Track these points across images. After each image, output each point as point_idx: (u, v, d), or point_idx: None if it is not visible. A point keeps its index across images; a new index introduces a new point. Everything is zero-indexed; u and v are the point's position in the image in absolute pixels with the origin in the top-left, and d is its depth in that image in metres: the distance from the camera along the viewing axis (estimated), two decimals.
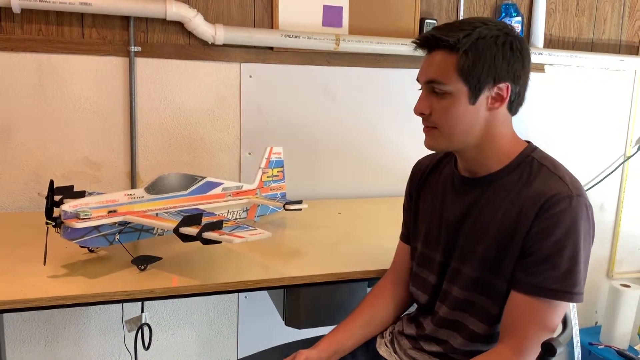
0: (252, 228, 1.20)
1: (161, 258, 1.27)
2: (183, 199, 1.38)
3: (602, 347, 2.39)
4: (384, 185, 2.15)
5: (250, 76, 1.93)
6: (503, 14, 2.17)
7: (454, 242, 1.10)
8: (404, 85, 2.12)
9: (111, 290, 1.14)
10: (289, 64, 1.97)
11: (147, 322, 1.74)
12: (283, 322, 1.42)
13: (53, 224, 1.16)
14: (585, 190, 1.00)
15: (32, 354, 1.86)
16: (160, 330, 1.97)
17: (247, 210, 1.58)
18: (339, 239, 1.59)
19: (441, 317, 1.11)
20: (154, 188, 1.32)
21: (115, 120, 1.82)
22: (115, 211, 1.23)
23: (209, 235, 1.14)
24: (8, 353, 1.83)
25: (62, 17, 1.71)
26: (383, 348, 1.21)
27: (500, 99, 1.02)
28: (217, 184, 1.47)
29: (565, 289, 0.96)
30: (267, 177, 1.66)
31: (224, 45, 1.85)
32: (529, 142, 1.10)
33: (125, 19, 1.76)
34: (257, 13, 1.92)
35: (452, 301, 1.10)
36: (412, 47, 1.07)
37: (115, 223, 1.23)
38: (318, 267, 1.34)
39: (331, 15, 1.98)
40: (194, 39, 1.83)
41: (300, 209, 1.58)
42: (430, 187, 1.21)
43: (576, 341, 2.34)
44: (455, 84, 1.00)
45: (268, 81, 1.96)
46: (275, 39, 1.87)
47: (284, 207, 1.57)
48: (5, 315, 1.76)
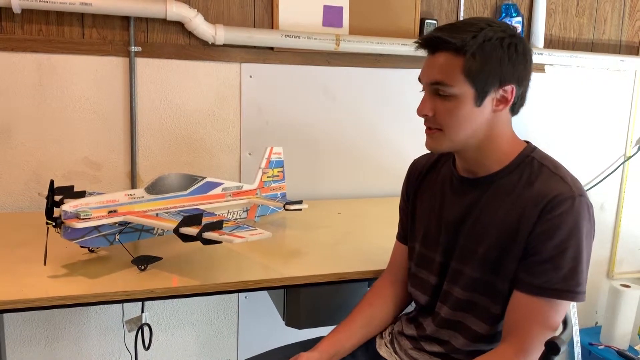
0: (253, 228, 1.20)
1: (161, 258, 1.27)
2: (183, 199, 1.38)
3: (602, 347, 2.39)
4: (384, 185, 2.15)
5: (250, 76, 1.93)
6: (503, 14, 2.17)
7: (454, 242, 1.10)
8: (404, 85, 2.12)
9: (111, 291, 1.14)
10: (289, 64, 1.97)
11: (148, 322, 1.74)
12: (283, 322, 1.42)
13: (53, 224, 1.16)
14: (585, 190, 1.01)
15: (32, 354, 1.86)
16: (161, 331, 1.97)
17: (247, 210, 1.58)
18: (339, 239, 1.59)
19: (442, 317, 1.11)
20: (154, 188, 1.32)
21: (115, 121, 1.82)
22: (115, 211, 1.23)
23: (209, 235, 1.14)
24: (8, 353, 1.83)
25: (62, 17, 1.71)
26: (383, 349, 1.21)
27: (504, 101, 1.02)
28: (217, 184, 1.47)
29: (568, 288, 0.96)
30: (267, 177, 1.66)
31: (224, 46, 1.85)
32: (527, 142, 1.09)
33: (125, 19, 1.76)
34: (257, 13, 1.92)
35: (453, 302, 1.09)
36: (415, 48, 1.05)
37: (115, 223, 1.23)
38: (318, 267, 1.34)
39: (331, 16, 1.98)
40: (194, 39, 1.83)
41: (300, 209, 1.58)
42: (427, 187, 1.21)
43: (576, 341, 2.34)
44: (461, 86, 0.99)
45: (268, 81, 1.96)
46: (276, 39, 1.87)
47: (284, 207, 1.57)
48: (5, 315, 1.76)
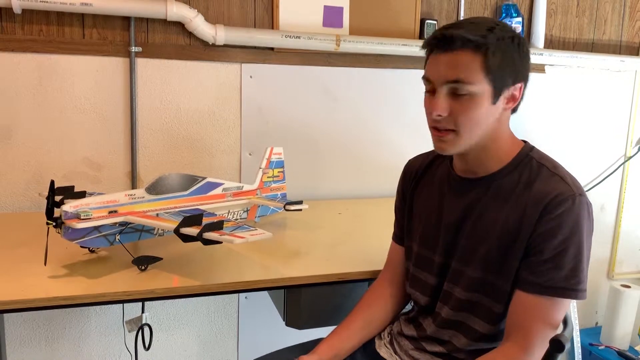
0: (253, 228, 1.20)
1: (162, 258, 1.27)
2: (183, 200, 1.38)
3: (603, 347, 2.39)
4: (384, 185, 2.15)
5: (250, 76, 1.93)
6: (504, 15, 2.17)
7: (454, 243, 1.10)
8: (404, 85, 2.12)
9: (112, 291, 1.14)
10: (289, 64, 1.97)
11: (148, 322, 1.73)
12: (283, 322, 1.42)
13: (54, 224, 1.16)
14: (584, 189, 1.01)
15: (32, 354, 1.86)
16: (161, 331, 1.97)
17: (247, 210, 1.58)
18: (339, 239, 1.59)
19: (443, 318, 1.11)
20: (154, 188, 1.32)
21: (115, 121, 1.82)
22: (115, 211, 1.23)
23: (209, 235, 1.14)
24: (8, 353, 1.83)
25: (62, 18, 1.71)
26: (384, 349, 1.21)
27: (513, 99, 1.03)
28: (217, 185, 1.47)
29: (570, 286, 0.97)
30: (268, 177, 1.66)
31: (225, 46, 1.86)
32: (525, 141, 1.10)
33: (125, 20, 1.76)
34: (257, 13, 1.92)
35: (454, 302, 1.09)
36: (425, 46, 1.02)
37: (115, 223, 1.23)
38: (318, 267, 1.34)
39: (332, 16, 1.98)
40: (195, 39, 1.83)
41: (300, 210, 1.58)
42: (424, 187, 1.21)
43: (577, 342, 2.34)
44: (481, 84, 0.98)
45: (268, 81, 1.96)
46: (276, 39, 1.87)
47: (284, 207, 1.57)
48: (5, 315, 1.76)
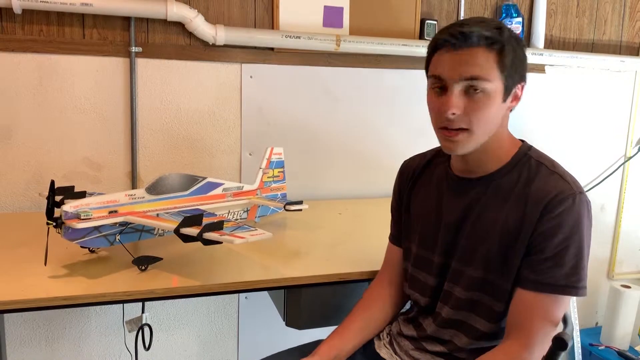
0: (253, 228, 1.20)
1: (162, 258, 1.27)
2: (184, 200, 1.38)
3: (603, 347, 2.39)
4: (385, 185, 2.15)
5: (250, 77, 1.93)
6: (504, 15, 2.17)
7: (454, 243, 1.10)
8: (404, 85, 2.12)
9: (112, 291, 1.14)
10: (289, 64, 1.97)
11: (148, 322, 1.73)
12: (283, 322, 1.42)
13: (54, 224, 1.16)
14: (583, 187, 1.02)
15: (32, 354, 1.86)
16: (161, 331, 1.97)
17: (247, 210, 1.58)
18: (339, 240, 1.59)
19: (444, 317, 1.11)
20: (154, 188, 1.32)
21: (116, 121, 1.82)
22: (116, 212, 1.23)
23: (209, 235, 1.14)
24: (8, 353, 1.82)
25: (63, 18, 1.71)
26: (384, 350, 1.21)
27: (516, 98, 1.04)
28: (217, 185, 1.47)
29: (571, 284, 0.98)
30: (268, 177, 1.66)
31: (225, 46, 1.86)
32: (523, 140, 1.10)
33: (126, 20, 1.76)
34: (257, 14, 1.92)
35: (455, 302, 1.09)
36: (436, 43, 0.99)
37: (116, 223, 1.23)
38: (318, 267, 1.34)
39: (332, 16, 1.98)
40: (195, 39, 1.83)
41: (300, 210, 1.58)
42: (421, 187, 1.20)
43: (577, 342, 2.33)
44: (496, 82, 0.98)
45: (269, 82, 1.96)
46: (276, 39, 1.87)
47: (284, 207, 1.57)
48: (5, 315, 1.76)
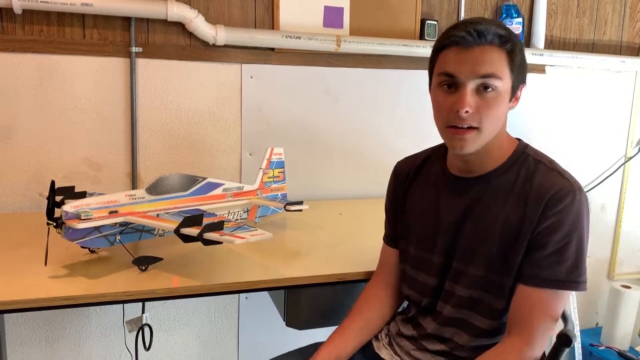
0: (253, 229, 1.20)
1: (162, 259, 1.27)
2: (184, 200, 1.38)
3: (603, 348, 2.39)
4: (385, 185, 2.13)
5: (251, 77, 1.93)
6: (504, 15, 2.17)
7: (454, 243, 1.10)
8: (405, 86, 2.12)
9: (112, 291, 1.14)
10: (289, 64, 1.97)
11: (148, 322, 1.73)
12: (284, 322, 1.42)
13: (54, 224, 1.16)
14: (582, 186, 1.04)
15: (32, 354, 1.85)
16: (161, 331, 1.97)
17: (247, 211, 1.58)
18: (339, 240, 1.59)
19: (445, 316, 1.11)
20: (154, 189, 1.32)
21: (116, 121, 1.82)
22: (116, 212, 1.23)
23: (210, 235, 1.14)
24: (8, 353, 1.82)
25: (63, 18, 1.71)
26: (384, 351, 1.21)
27: (517, 99, 1.05)
28: (217, 185, 1.47)
29: (572, 279, 0.99)
30: (268, 177, 1.66)
31: (225, 46, 1.86)
32: (519, 139, 1.11)
33: (126, 20, 1.76)
34: (258, 14, 1.92)
35: (456, 300, 1.10)
36: (458, 40, 0.97)
37: (116, 224, 1.23)
38: (319, 267, 1.34)
39: (332, 16, 1.98)
40: (195, 39, 1.83)
41: (301, 210, 1.57)
42: (417, 188, 1.20)
43: (577, 342, 2.33)
44: (506, 80, 0.99)
45: (269, 82, 1.96)
46: (276, 39, 1.87)
47: (284, 207, 1.57)
48: (5, 316, 1.76)
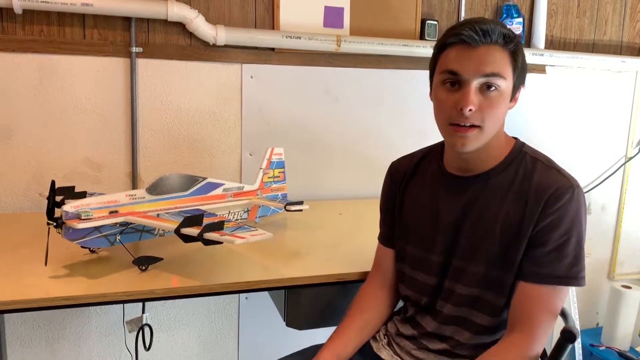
0: (253, 229, 1.20)
1: (162, 259, 1.27)
2: (184, 200, 1.38)
3: (603, 348, 2.39)
4: None
5: (251, 77, 1.93)
6: (504, 15, 2.17)
7: (454, 242, 1.10)
8: (405, 86, 2.12)
9: (112, 291, 1.14)
10: (290, 64, 1.97)
11: (148, 322, 1.74)
12: (284, 323, 1.42)
13: (54, 224, 1.16)
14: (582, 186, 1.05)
15: (32, 354, 1.85)
16: (161, 331, 1.97)
17: (248, 211, 1.58)
18: (339, 240, 1.59)
19: (445, 315, 1.11)
20: (155, 189, 1.32)
21: (116, 121, 1.82)
22: (116, 212, 1.23)
23: (210, 235, 1.14)
24: (8, 353, 1.82)
25: (63, 18, 1.72)
26: (384, 352, 1.21)
27: (515, 100, 1.06)
28: (218, 185, 1.47)
29: (572, 274, 1.00)
30: (268, 177, 1.66)
31: (225, 46, 1.86)
32: (515, 138, 1.12)
33: (126, 20, 1.76)
34: (258, 14, 1.92)
35: (456, 299, 1.10)
36: (463, 38, 0.97)
37: (116, 224, 1.23)
38: (319, 267, 1.34)
39: (332, 16, 1.98)
40: (195, 39, 1.83)
41: (301, 210, 1.57)
42: (414, 188, 1.20)
43: (577, 342, 2.33)
44: (509, 80, 1.01)
45: (269, 82, 1.96)
46: (277, 39, 1.87)
47: (285, 207, 1.57)
48: (5, 316, 1.76)
